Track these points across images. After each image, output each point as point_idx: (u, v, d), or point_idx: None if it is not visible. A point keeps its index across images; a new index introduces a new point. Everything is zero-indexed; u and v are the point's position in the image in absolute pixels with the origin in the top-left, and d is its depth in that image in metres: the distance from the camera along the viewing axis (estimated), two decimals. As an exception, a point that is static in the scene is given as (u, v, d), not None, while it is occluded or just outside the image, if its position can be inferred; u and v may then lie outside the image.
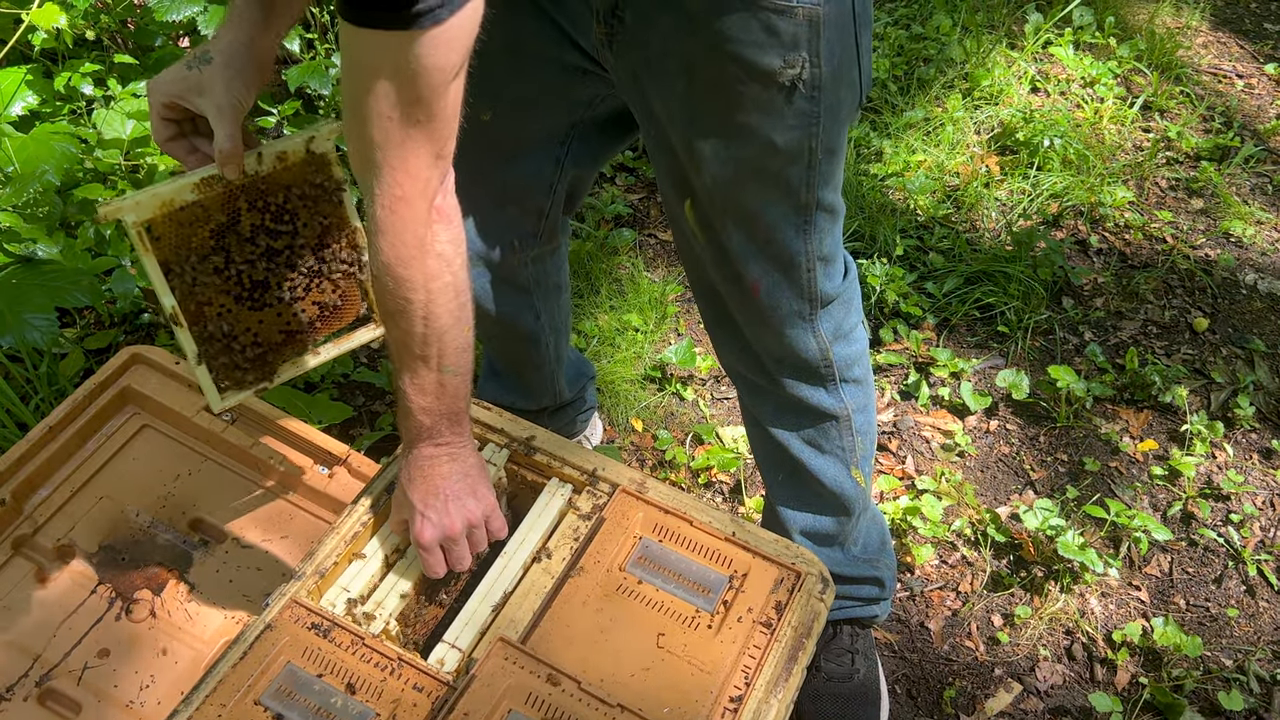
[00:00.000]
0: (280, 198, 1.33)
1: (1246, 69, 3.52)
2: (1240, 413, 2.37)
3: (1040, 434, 2.35)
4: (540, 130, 1.52)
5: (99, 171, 2.21)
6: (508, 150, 1.54)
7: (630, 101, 1.39)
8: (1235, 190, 3.01)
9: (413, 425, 1.24)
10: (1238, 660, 1.98)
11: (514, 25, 1.37)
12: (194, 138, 1.29)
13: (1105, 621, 2.03)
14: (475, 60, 1.45)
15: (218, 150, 1.22)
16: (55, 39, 2.28)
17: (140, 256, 1.26)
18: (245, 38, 1.22)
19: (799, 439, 1.58)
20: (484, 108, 1.46)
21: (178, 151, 1.29)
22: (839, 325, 1.49)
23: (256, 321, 1.37)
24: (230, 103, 1.21)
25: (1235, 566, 2.12)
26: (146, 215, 1.24)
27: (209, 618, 1.55)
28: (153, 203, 1.23)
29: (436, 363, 1.19)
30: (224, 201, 1.29)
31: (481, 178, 1.57)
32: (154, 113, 1.26)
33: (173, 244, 1.27)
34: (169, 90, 1.23)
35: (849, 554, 1.71)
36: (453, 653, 1.18)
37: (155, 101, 1.25)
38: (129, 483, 1.67)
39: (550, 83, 1.44)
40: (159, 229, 1.25)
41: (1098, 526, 2.14)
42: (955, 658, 1.96)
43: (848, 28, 1.22)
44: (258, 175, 1.30)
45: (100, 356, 2.20)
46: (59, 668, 1.48)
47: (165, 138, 1.28)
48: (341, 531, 1.29)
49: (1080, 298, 2.67)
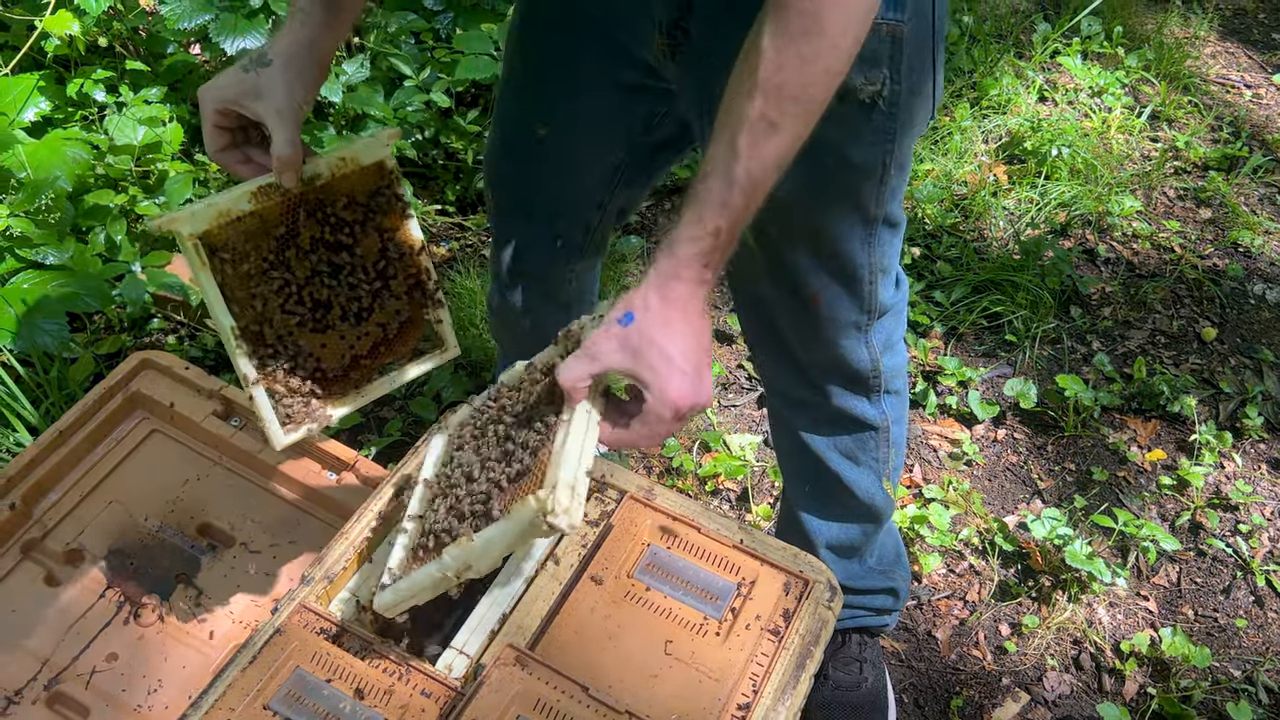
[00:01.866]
0: (340, 207, 1.25)
1: (1255, 79, 3.52)
2: (1249, 423, 2.36)
3: (1048, 443, 2.35)
4: (595, 149, 1.51)
5: (110, 177, 2.22)
6: (562, 166, 1.52)
7: (691, 113, 1.37)
8: (1244, 200, 3.01)
9: (709, 226, 1.03)
10: (1246, 671, 1.97)
11: (569, 41, 1.37)
12: (247, 147, 1.24)
13: (1113, 631, 2.02)
14: (531, 75, 1.45)
15: (276, 156, 1.16)
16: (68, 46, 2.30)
17: (196, 272, 1.17)
18: (307, 38, 1.17)
19: (836, 451, 1.57)
20: (539, 123, 1.46)
21: (231, 162, 1.23)
22: (889, 336, 1.49)
23: (319, 345, 1.28)
24: (291, 106, 1.16)
25: (1244, 577, 2.12)
26: (202, 227, 1.15)
27: (217, 622, 1.55)
28: (208, 213, 1.15)
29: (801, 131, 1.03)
30: (282, 212, 1.21)
31: (534, 191, 1.57)
32: (207, 121, 1.20)
33: (230, 258, 1.19)
34: (224, 95, 1.17)
35: (865, 565, 1.72)
36: (460, 658, 1.18)
37: (208, 108, 1.19)
38: (138, 487, 1.68)
39: (606, 102, 1.42)
40: (216, 242, 1.17)
41: (1105, 536, 2.14)
42: (962, 667, 1.96)
43: (926, 43, 1.20)
44: (316, 183, 1.22)
45: (110, 361, 2.20)
46: (67, 672, 1.48)
47: (218, 147, 1.22)
48: (350, 536, 1.29)
49: (1088, 307, 2.67)
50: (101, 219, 2.15)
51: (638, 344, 1.02)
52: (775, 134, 1.00)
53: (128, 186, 2.22)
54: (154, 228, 1.14)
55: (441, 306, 1.37)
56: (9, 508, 1.58)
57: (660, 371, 1.02)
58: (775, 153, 1.01)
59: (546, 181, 1.55)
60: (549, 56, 1.42)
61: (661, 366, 1.02)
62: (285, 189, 1.20)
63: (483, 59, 2.46)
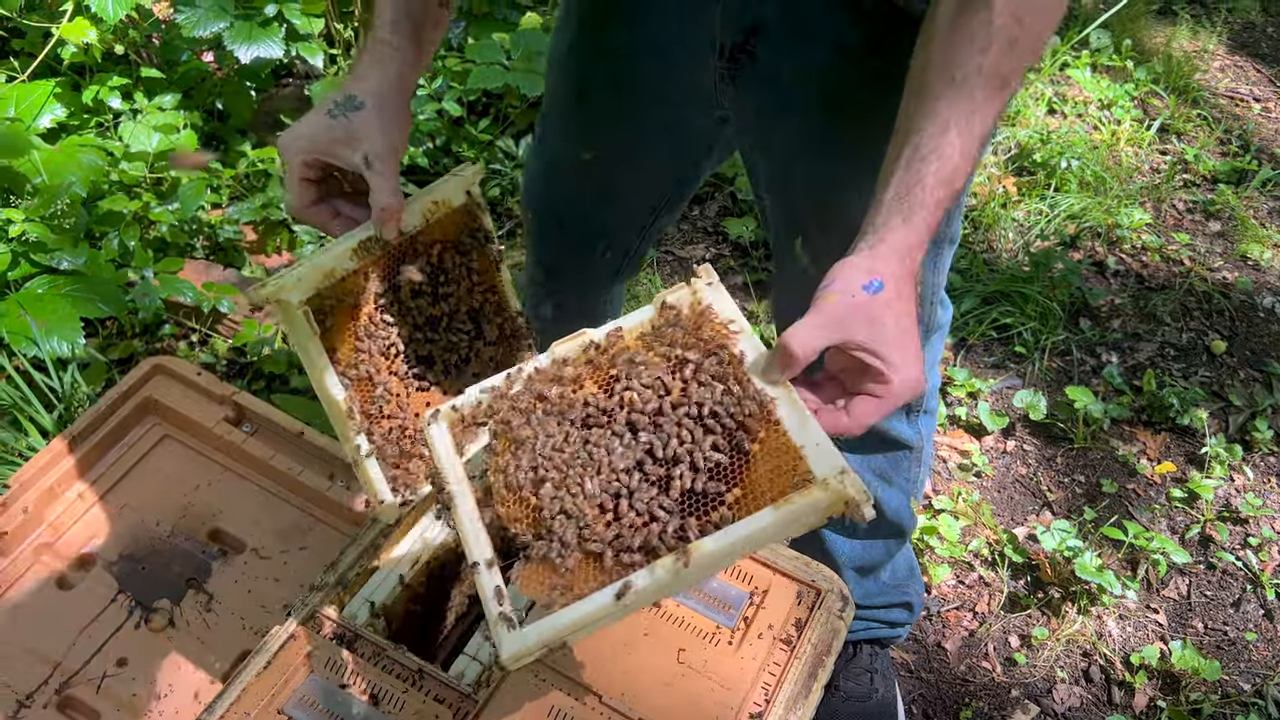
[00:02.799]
0: (436, 254, 1.16)
1: (1264, 92, 3.53)
2: (1259, 436, 2.36)
3: (1057, 455, 2.34)
4: (642, 178, 1.50)
5: (124, 184, 2.23)
6: (606, 192, 1.52)
7: (745, 137, 1.37)
8: (1253, 213, 3.01)
9: (938, 194, 0.96)
10: (1256, 684, 1.96)
11: (621, 71, 1.36)
12: (332, 200, 1.13)
13: (1123, 644, 2.01)
14: (579, 102, 1.44)
15: (380, 208, 1.06)
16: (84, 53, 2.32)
17: (304, 344, 1.07)
18: (395, 75, 1.09)
19: (870, 470, 1.57)
20: (585, 148, 1.45)
21: (322, 218, 1.12)
22: (934, 355, 1.49)
23: (424, 405, 1.18)
24: (389, 151, 1.07)
25: (1254, 590, 2.11)
26: (309, 292, 1.05)
27: (227, 628, 1.55)
28: (314, 276, 1.05)
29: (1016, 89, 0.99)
30: (384, 266, 1.12)
31: (577, 216, 1.58)
32: (293, 175, 1.09)
33: (337, 323, 1.09)
34: (313, 145, 1.07)
35: (880, 582, 1.72)
36: (473, 665, 1.18)
37: (295, 160, 1.08)
38: (149, 492, 1.68)
39: (654, 134, 1.42)
40: (322, 307, 1.07)
41: (1115, 548, 2.13)
42: (972, 678, 1.95)
43: None
44: (412, 232, 1.13)
45: (122, 367, 2.21)
46: (78, 676, 1.48)
47: (307, 202, 1.11)
48: (363, 542, 1.29)
49: (1097, 319, 2.67)
50: (115, 225, 2.17)
51: (881, 317, 0.92)
52: (1005, 89, 0.97)
53: (141, 193, 2.24)
54: (261, 298, 1.03)
55: (534, 350, 1.28)
56: (22, 512, 1.58)
57: (909, 350, 0.93)
58: (997, 114, 0.98)
59: (590, 207, 1.54)
60: (598, 85, 1.40)
61: (909, 345, 0.94)
62: (385, 241, 1.10)
63: (494, 68, 2.47)
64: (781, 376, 0.94)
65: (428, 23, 1.12)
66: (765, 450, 0.93)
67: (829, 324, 0.91)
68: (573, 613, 0.88)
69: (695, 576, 0.88)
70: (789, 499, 0.87)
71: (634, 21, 1.31)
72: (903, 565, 1.76)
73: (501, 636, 0.89)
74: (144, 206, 2.22)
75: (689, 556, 0.86)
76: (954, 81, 0.96)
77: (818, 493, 0.87)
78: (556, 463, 0.97)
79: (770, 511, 0.87)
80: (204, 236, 2.40)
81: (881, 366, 0.92)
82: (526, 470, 0.97)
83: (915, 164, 0.96)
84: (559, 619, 0.88)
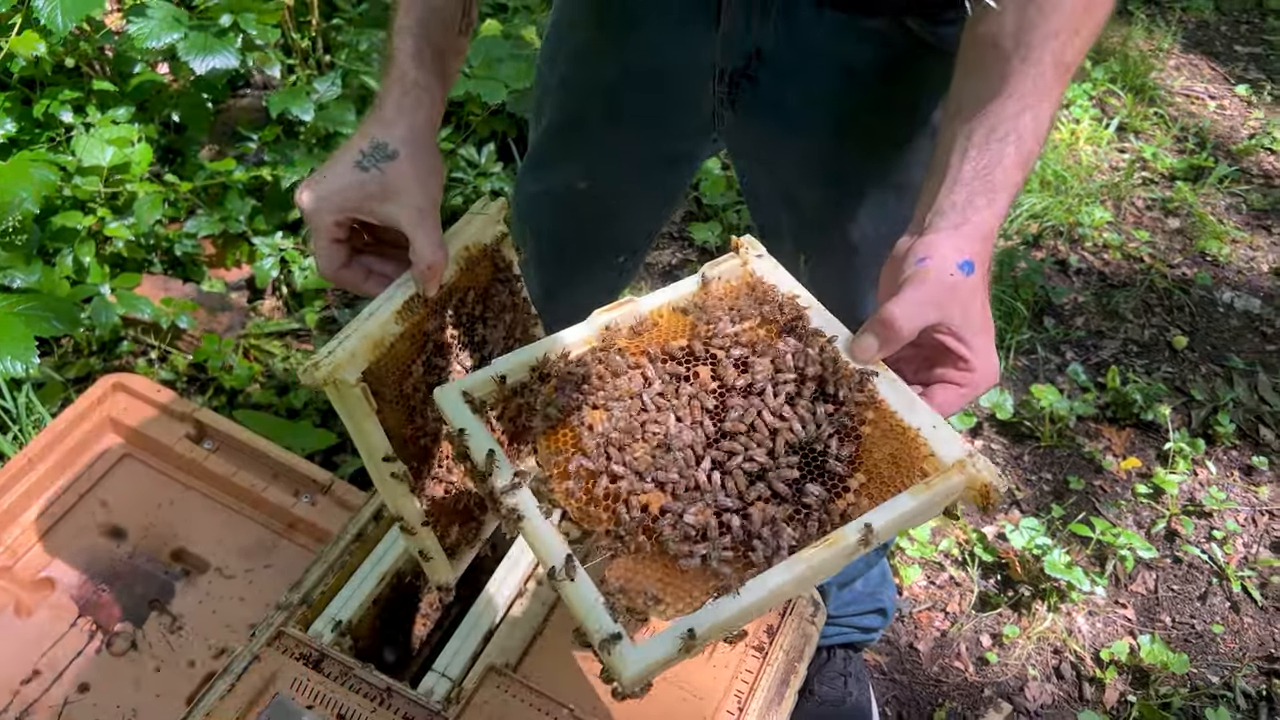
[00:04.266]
0: (471, 302, 1.09)
1: (1218, 90, 3.58)
2: (1221, 430, 2.39)
3: (1024, 453, 2.36)
4: (636, 202, 1.50)
5: (78, 199, 2.19)
6: (604, 215, 1.51)
7: (743, 161, 1.36)
8: (1211, 210, 3.05)
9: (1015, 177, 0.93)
10: (1224, 677, 1.98)
11: (614, 102, 1.35)
12: (363, 258, 1.04)
13: (1093, 640, 2.03)
14: (573, 131, 1.42)
15: (425, 264, 0.97)
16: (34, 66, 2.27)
17: (361, 421, 0.98)
18: (425, 119, 1.01)
19: None
20: (580, 177, 1.45)
21: (356, 281, 1.04)
22: None
23: None
24: (429, 202, 0.99)
25: (1219, 583, 2.14)
26: (363, 366, 0.96)
27: (192, 650, 1.53)
28: (364, 347, 0.96)
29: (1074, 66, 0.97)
30: (426, 325, 1.03)
31: (577, 235, 1.57)
32: (322, 235, 1.00)
33: (389, 394, 1.00)
34: (343, 203, 0.98)
35: (854, 590, 1.72)
36: (443, 681, 1.17)
37: (326, 221, 0.99)
38: (110, 513, 1.65)
39: (648, 163, 1.41)
40: (374, 379, 0.98)
41: (1083, 545, 2.15)
42: (945, 679, 1.96)
43: None
44: (449, 283, 1.05)
45: (79, 386, 2.17)
46: (38, 703, 1.45)
47: (339, 264, 1.02)
48: (329, 559, 1.27)
49: (1061, 317, 2.69)
50: (69, 241, 2.12)
51: (971, 302, 0.88)
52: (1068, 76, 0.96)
53: (96, 208, 2.20)
54: (317, 381, 0.93)
55: None
56: (-24, 536, 1.55)
57: (991, 339, 0.89)
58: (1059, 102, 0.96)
59: (588, 230, 1.54)
60: (593, 118, 1.39)
61: (991, 332, 0.89)
62: (429, 299, 1.01)
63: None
64: (879, 354, 0.89)
65: (449, 52, 1.06)
66: (878, 433, 0.88)
67: (931, 303, 0.86)
68: (738, 603, 0.78)
69: (841, 565, 0.83)
70: (928, 483, 0.82)
71: (629, 54, 1.29)
72: (875, 572, 1.76)
73: (622, 653, 0.77)
74: (99, 222, 2.18)
75: (836, 544, 0.81)
76: (1027, 62, 0.92)
77: (955, 476, 0.83)
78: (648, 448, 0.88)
79: (909, 498, 0.82)
80: (161, 251, 2.36)
81: (968, 354, 0.88)
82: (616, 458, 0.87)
83: (994, 143, 0.92)
84: (719, 611, 0.78)
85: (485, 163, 2.63)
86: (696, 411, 0.90)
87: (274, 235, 2.39)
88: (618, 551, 0.84)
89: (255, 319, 2.37)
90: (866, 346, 0.89)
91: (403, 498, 1.03)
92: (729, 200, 2.80)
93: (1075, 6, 0.94)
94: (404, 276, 1.01)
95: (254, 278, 2.41)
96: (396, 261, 1.02)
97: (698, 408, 0.90)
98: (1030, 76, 0.92)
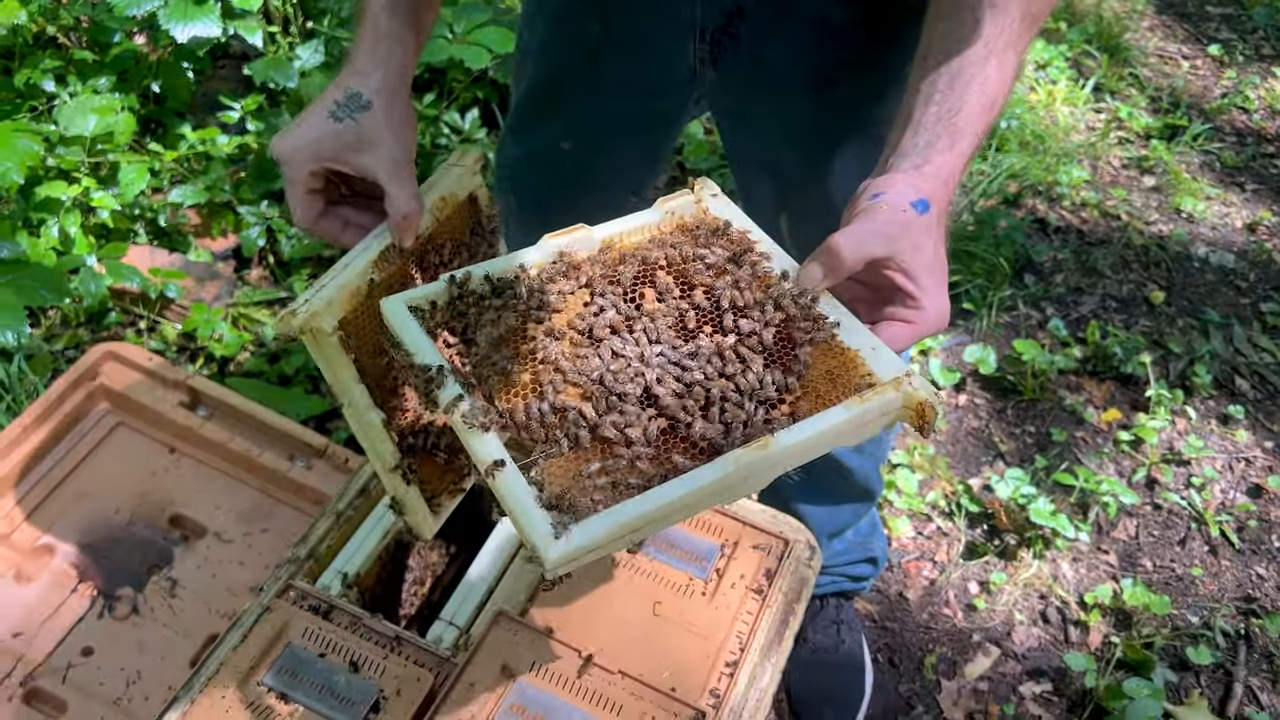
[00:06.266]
0: (447, 254, 1.10)
1: (1191, 50, 3.62)
2: (1198, 380, 2.44)
3: (1008, 407, 2.40)
4: (618, 165, 1.51)
5: (62, 169, 2.17)
6: (586, 178, 1.52)
7: (725, 119, 1.37)
8: (1185, 167, 3.10)
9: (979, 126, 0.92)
10: (1204, 617, 2.04)
11: (594, 64, 1.36)
12: (338, 208, 1.05)
13: (1077, 585, 2.08)
14: (554, 94, 1.43)
15: (400, 215, 0.98)
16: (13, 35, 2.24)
17: (337, 371, 0.99)
18: (398, 69, 1.01)
19: None
20: (562, 138, 1.45)
21: (333, 231, 1.04)
22: None
23: None
24: (405, 154, 1.00)
25: (1198, 528, 2.19)
26: (340, 316, 0.97)
27: (193, 612, 1.54)
28: (341, 296, 0.97)
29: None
30: (402, 275, 1.05)
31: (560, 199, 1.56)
32: (299, 187, 1.00)
33: (365, 344, 1.01)
34: (320, 154, 0.99)
35: (846, 540, 1.75)
36: (450, 629, 1.19)
37: (301, 172, 0.99)
38: (106, 480, 1.66)
39: (631, 125, 1.42)
40: (351, 329, 0.99)
41: (1067, 494, 2.20)
42: (934, 625, 2.00)
43: None
44: (425, 234, 1.06)
45: (69, 357, 2.16)
46: (42, 667, 1.46)
47: (315, 215, 1.03)
48: (334, 514, 1.29)
49: (1041, 274, 2.73)
50: (54, 211, 2.11)
51: (923, 241, 0.87)
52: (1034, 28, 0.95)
53: (80, 178, 2.18)
54: (293, 329, 0.95)
55: None
56: (-26, 504, 1.55)
57: (942, 279, 0.89)
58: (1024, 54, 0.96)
59: (571, 193, 1.54)
60: (574, 80, 1.40)
61: (942, 273, 0.89)
62: (405, 249, 1.02)
63: (438, 42, 2.44)
64: (823, 283, 0.89)
65: (422, 3, 1.06)
66: (816, 351, 0.89)
67: (881, 236, 0.86)
68: (643, 503, 0.78)
69: (769, 474, 0.83)
70: (862, 396, 0.83)
71: (609, 14, 1.30)
72: (865, 523, 1.79)
73: (540, 538, 0.76)
74: (84, 192, 2.16)
75: (767, 447, 0.80)
76: (995, 8, 0.92)
77: (890, 392, 0.83)
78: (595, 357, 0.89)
79: (842, 409, 0.83)
80: (146, 222, 2.35)
81: (917, 292, 0.87)
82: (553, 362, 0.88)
83: (958, 87, 0.91)
84: (646, 503, 0.78)
85: (469, 129, 2.63)
86: (645, 339, 0.91)
87: (259, 204, 2.38)
88: (552, 454, 0.84)
89: (243, 288, 2.36)
90: (812, 275, 0.89)
91: (381, 444, 1.03)
92: (713, 164, 2.81)
93: None
94: (380, 227, 1.02)
95: (240, 247, 2.40)
96: (372, 212, 1.03)
97: (644, 336, 0.91)
98: (999, 24, 0.92)
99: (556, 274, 0.95)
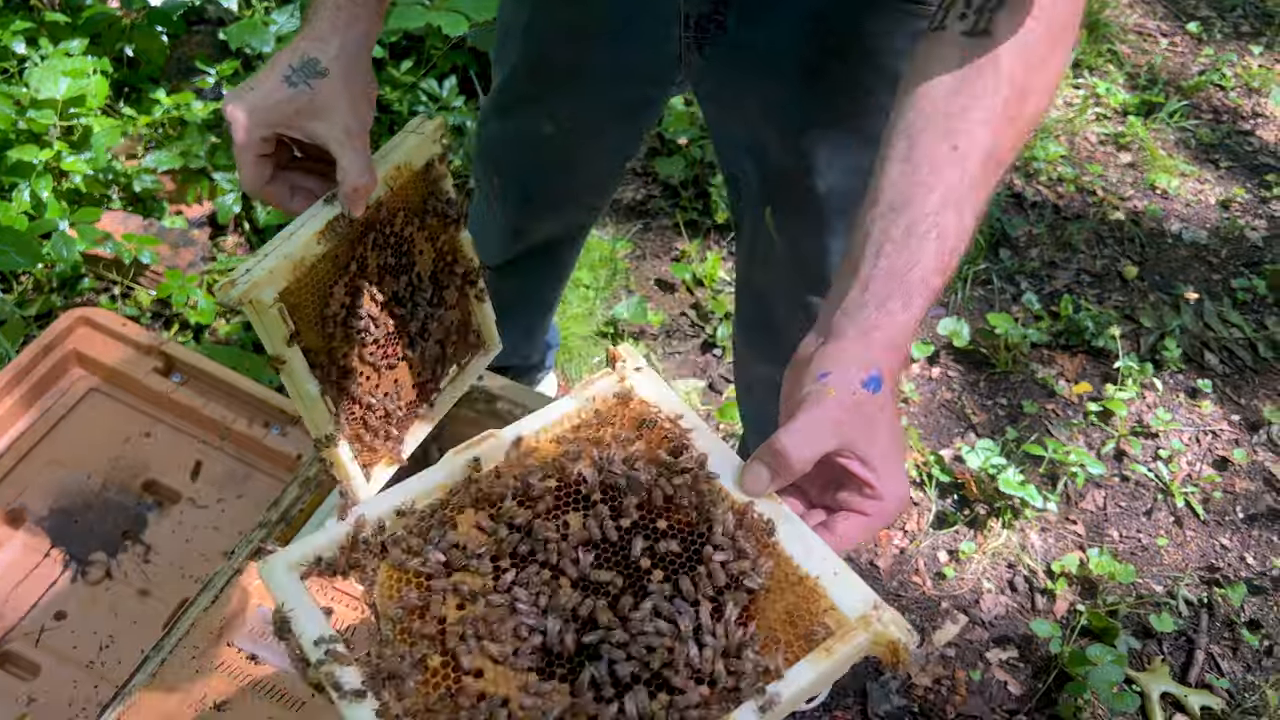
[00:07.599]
0: (400, 224, 1.07)
1: (1169, 28, 3.63)
2: (1168, 355, 2.47)
3: (981, 379, 2.43)
4: (601, 147, 1.52)
5: (33, 132, 2.15)
6: (569, 160, 1.52)
7: (710, 102, 1.36)
8: (1161, 144, 3.12)
9: (933, 284, 0.84)
10: (1168, 586, 2.08)
11: (577, 50, 1.35)
12: (287, 173, 1.02)
13: (1045, 554, 2.11)
14: (538, 77, 1.42)
15: (350, 186, 0.95)
16: (-19, -4, 2.21)
17: (277, 342, 0.97)
18: (358, 36, 0.99)
19: None
20: (545, 121, 1.45)
21: (281, 198, 1.02)
22: None
23: (393, 383, 1.12)
24: (359, 124, 0.97)
25: (1164, 499, 2.23)
26: (281, 286, 0.95)
27: (167, 578, 1.54)
28: (284, 268, 0.95)
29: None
30: (351, 246, 1.02)
31: (544, 180, 1.58)
32: (248, 150, 0.97)
33: (304, 313, 0.99)
34: (272, 118, 0.96)
35: None
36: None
37: (253, 136, 0.96)
38: (78, 446, 1.65)
39: (613, 109, 1.43)
40: (293, 300, 0.97)
41: (1036, 464, 2.23)
42: (904, 593, 2.03)
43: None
44: (377, 204, 1.03)
45: (41, 323, 2.15)
46: (15, 630, 1.46)
47: (264, 180, 1.00)
48: (305, 479, 1.29)
49: (1016, 249, 2.75)
50: (25, 175, 2.09)
51: (877, 422, 0.80)
52: (1000, 170, 0.89)
53: (52, 141, 2.16)
54: (233, 300, 0.92)
55: (487, 302, 1.23)
56: (-54, 469, 1.55)
57: (900, 463, 0.81)
58: (989, 197, 0.90)
59: (555, 175, 1.55)
60: (557, 65, 1.39)
61: (900, 456, 0.81)
62: (352, 219, 1.00)
63: (415, 8, 2.42)
64: (770, 488, 0.80)
65: None
66: (773, 584, 0.77)
67: (830, 426, 0.78)
68: None
69: None
70: (828, 648, 0.73)
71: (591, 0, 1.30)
72: None
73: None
74: (56, 156, 2.14)
75: None
76: (956, 152, 0.85)
77: (860, 635, 0.74)
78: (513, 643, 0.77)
79: (807, 667, 0.73)
80: (120, 187, 2.33)
81: (874, 480, 0.79)
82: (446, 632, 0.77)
83: (913, 241, 0.84)
84: None
85: (447, 96, 2.61)
86: (567, 586, 0.79)
87: (235, 171, 2.37)
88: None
89: (219, 255, 2.35)
90: (757, 478, 0.80)
91: (319, 415, 1.02)
92: (693, 134, 2.81)
93: (1010, 93, 0.87)
94: (328, 193, 0.99)
95: (215, 214, 2.38)
96: (323, 178, 1.01)
97: (567, 582, 0.79)
98: (956, 168, 0.85)
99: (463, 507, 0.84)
